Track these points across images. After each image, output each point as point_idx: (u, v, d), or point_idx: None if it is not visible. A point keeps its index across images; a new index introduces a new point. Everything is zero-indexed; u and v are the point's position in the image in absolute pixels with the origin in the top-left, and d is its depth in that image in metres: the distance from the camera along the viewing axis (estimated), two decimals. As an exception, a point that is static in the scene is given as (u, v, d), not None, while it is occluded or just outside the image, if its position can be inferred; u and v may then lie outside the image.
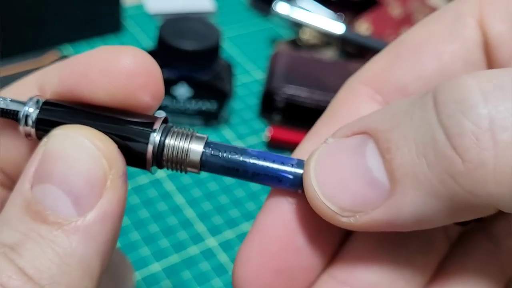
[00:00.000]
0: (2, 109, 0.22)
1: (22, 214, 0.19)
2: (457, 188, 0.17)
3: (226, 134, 0.64)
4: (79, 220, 0.19)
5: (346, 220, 0.20)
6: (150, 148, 0.21)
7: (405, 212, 0.19)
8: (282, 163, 0.21)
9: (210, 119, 0.63)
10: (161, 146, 0.21)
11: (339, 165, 0.20)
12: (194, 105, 0.62)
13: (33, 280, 0.18)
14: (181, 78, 0.59)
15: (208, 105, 0.62)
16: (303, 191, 0.21)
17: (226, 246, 0.52)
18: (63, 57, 0.61)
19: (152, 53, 0.60)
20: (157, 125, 0.21)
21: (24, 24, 0.65)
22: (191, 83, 0.60)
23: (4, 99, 0.22)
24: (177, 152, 0.21)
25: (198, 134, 0.22)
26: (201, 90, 0.61)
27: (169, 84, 0.59)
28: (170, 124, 0.22)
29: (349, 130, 0.21)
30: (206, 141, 0.22)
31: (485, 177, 0.17)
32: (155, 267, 0.49)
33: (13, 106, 0.22)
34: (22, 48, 0.64)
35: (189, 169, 0.22)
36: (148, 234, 0.52)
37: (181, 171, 0.22)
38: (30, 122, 0.21)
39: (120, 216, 0.20)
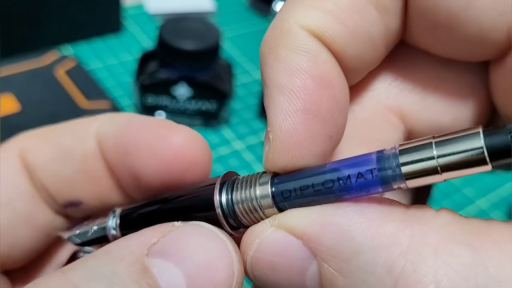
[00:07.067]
0: (96, 238, 0.23)
1: (132, 280, 0.17)
2: None
3: (226, 134, 0.64)
4: None
5: None
6: (220, 214, 0.19)
7: None
8: (360, 174, 0.18)
9: (210, 119, 0.63)
10: (230, 207, 0.19)
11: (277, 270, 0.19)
12: (194, 105, 0.62)
13: None
14: (181, 78, 0.59)
15: (208, 105, 0.62)
16: (398, 187, 0.18)
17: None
18: (63, 57, 0.61)
19: (152, 53, 0.61)
20: (216, 191, 0.19)
21: (24, 24, 0.65)
22: (191, 83, 0.60)
23: (90, 229, 0.23)
24: (248, 206, 0.19)
25: (261, 177, 0.20)
26: (201, 90, 0.61)
27: (169, 84, 0.59)
28: (234, 177, 0.20)
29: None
30: (271, 183, 0.19)
31: None
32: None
33: (100, 233, 0.23)
34: (22, 48, 0.64)
35: (267, 212, 0.19)
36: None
37: (263, 218, 0.20)
38: (117, 232, 0.23)
39: None
